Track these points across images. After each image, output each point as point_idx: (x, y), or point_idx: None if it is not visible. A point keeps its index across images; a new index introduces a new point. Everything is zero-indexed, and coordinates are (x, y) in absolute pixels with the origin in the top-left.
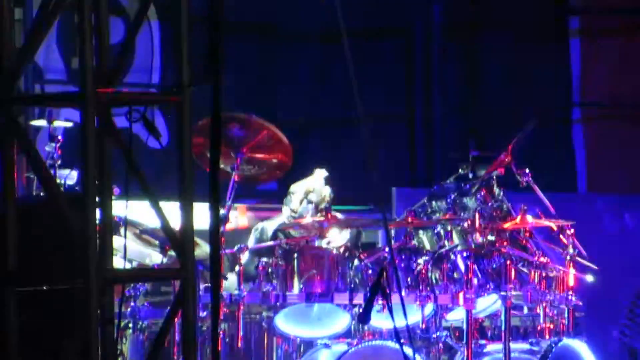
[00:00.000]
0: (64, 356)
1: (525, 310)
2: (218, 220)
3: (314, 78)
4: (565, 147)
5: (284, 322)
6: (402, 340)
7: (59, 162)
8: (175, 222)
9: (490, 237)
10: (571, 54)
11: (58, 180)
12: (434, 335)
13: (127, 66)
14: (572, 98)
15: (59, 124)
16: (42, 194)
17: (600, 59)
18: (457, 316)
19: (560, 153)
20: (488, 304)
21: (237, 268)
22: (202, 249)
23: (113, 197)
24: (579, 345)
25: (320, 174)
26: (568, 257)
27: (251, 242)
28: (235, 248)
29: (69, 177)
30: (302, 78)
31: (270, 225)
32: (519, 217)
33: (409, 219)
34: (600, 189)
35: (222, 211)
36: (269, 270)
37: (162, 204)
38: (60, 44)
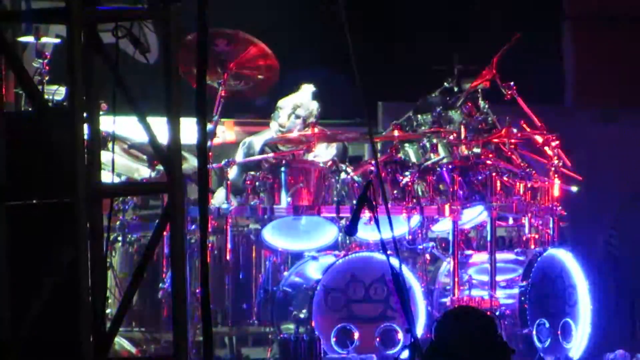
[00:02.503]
0: (53, 270)
1: (511, 221)
2: (205, 135)
3: None
4: (553, 59)
5: (271, 235)
6: (388, 252)
7: (47, 78)
8: (163, 137)
9: (476, 150)
10: None
11: (46, 96)
12: (420, 247)
13: None
14: (561, 9)
15: (46, 40)
16: (30, 109)
17: None
18: (443, 227)
19: (548, 66)
20: (474, 215)
21: (224, 182)
22: (190, 163)
23: (101, 113)
24: (564, 255)
25: (308, 88)
26: (553, 169)
27: (239, 157)
28: (223, 162)
29: (57, 92)
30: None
31: (257, 140)
32: (504, 130)
33: (395, 133)
34: (587, 102)
35: (209, 126)
36: (257, 184)
37: (150, 119)
38: None
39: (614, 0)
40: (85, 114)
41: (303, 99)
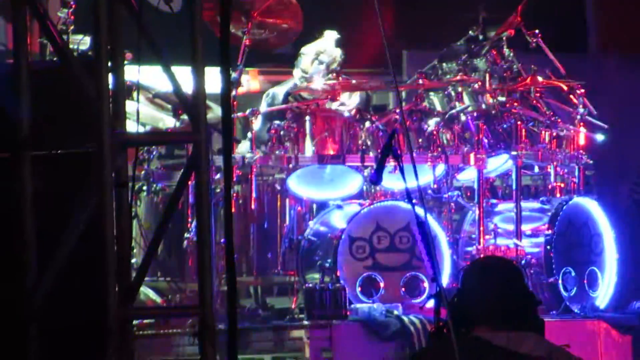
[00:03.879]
0: (79, 220)
1: (536, 170)
2: (229, 84)
3: None
4: (577, 6)
5: (296, 184)
6: (413, 201)
7: (71, 27)
8: (188, 86)
9: (501, 98)
10: None
11: (71, 46)
12: (446, 195)
13: None
14: None
15: None
16: (55, 59)
17: None
18: (468, 176)
19: (572, 13)
20: (499, 163)
21: (249, 132)
22: (215, 113)
23: (125, 62)
24: (590, 203)
25: (331, 35)
26: (578, 117)
27: (263, 107)
28: (247, 111)
29: (82, 42)
30: None
31: (280, 90)
32: (529, 78)
33: (420, 81)
34: (611, 47)
35: (233, 75)
36: (281, 133)
37: (174, 69)
38: None
39: None
40: (110, 64)
41: (326, 46)
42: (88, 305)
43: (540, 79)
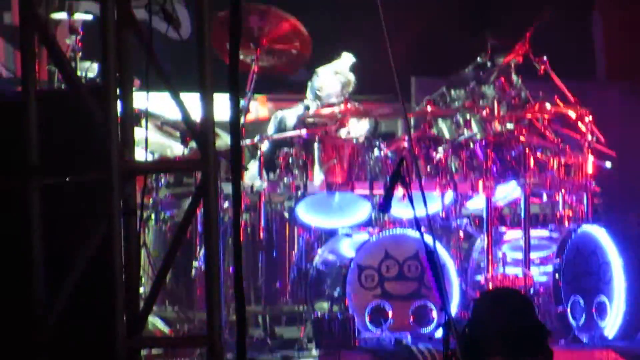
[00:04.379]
0: (87, 248)
1: (545, 198)
2: (238, 111)
3: None
4: (585, 34)
5: (305, 212)
6: (422, 229)
7: (79, 54)
8: (196, 113)
9: (509, 125)
10: None
11: (79, 73)
12: (454, 223)
13: None
14: None
15: (79, 16)
16: (63, 86)
17: None
18: (476, 204)
19: (579, 40)
20: (507, 191)
21: (257, 158)
22: (223, 140)
23: (134, 89)
24: (598, 231)
25: (348, 57)
26: (586, 144)
27: (270, 129)
28: (256, 138)
29: (90, 69)
30: None
31: (290, 114)
32: (537, 105)
33: (428, 108)
34: (620, 76)
35: (242, 102)
36: (290, 160)
37: (183, 95)
38: None
39: None
40: (118, 91)
41: (343, 67)
42: (96, 335)
43: (548, 106)
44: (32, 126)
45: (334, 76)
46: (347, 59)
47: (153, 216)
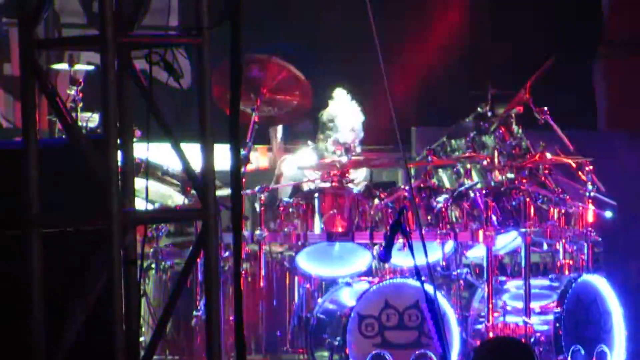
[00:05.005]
0: (88, 298)
1: (545, 247)
2: (239, 161)
3: (331, 14)
4: (585, 84)
5: (305, 261)
6: (422, 278)
7: (80, 105)
8: (197, 163)
9: (510, 175)
10: None
11: (80, 123)
12: (455, 273)
13: (145, 8)
14: (594, 35)
15: (80, 67)
16: (64, 136)
17: None
18: (477, 253)
19: (580, 90)
20: (508, 240)
21: (257, 208)
22: (224, 190)
23: (134, 139)
24: (599, 281)
25: (341, 93)
26: (587, 194)
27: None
28: (257, 188)
29: (91, 119)
30: (321, 13)
31: (293, 161)
32: (537, 155)
33: (429, 158)
34: (620, 125)
35: (242, 152)
36: (290, 210)
37: (183, 146)
38: None
39: None
40: (119, 141)
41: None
42: None
43: (548, 155)
44: (33, 176)
45: (351, 102)
46: (339, 94)
47: (154, 265)
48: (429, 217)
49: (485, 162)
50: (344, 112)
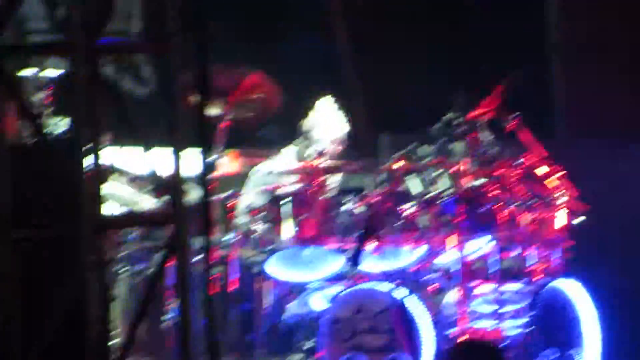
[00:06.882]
0: (57, 303)
1: (516, 252)
2: (208, 166)
3: (299, 26)
4: (545, 92)
5: (275, 266)
6: (393, 283)
7: (49, 109)
8: (166, 168)
9: (480, 181)
10: None
11: (48, 128)
12: (425, 278)
13: (111, 13)
14: (549, 40)
15: (47, 72)
16: (33, 141)
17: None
18: (447, 258)
19: (539, 99)
20: (479, 246)
21: (228, 213)
22: (193, 195)
23: (104, 144)
24: (570, 285)
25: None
26: (557, 199)
27: (253, 185)
28: (227, 194)
29: (60, 124)
30: (290, 27)
31: (263, 169)
32: (508, 161)
33: (398, 164)
34: (587, 133)
35: (212, 157)
36: (261, 214)
37: (153, 150)
38: None
39: (602, 30)
40: (88, 146)
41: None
42: None
43: (519, 161)
44: (4, 180)
45: (336, 112)
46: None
47: (124, 269)
48: (398, 223)
49: (454, 168)
50: (324, 123)
